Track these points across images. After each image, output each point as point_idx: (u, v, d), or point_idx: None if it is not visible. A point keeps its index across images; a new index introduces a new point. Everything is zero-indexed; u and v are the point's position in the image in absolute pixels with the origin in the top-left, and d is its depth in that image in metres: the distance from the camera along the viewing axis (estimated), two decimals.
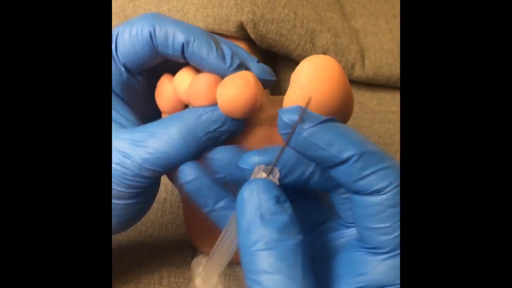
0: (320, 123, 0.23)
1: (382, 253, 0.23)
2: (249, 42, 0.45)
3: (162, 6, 0.45)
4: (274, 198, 0.22)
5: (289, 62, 0.49)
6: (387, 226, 0.22)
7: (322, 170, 0.25)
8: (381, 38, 0.51)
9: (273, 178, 0.24)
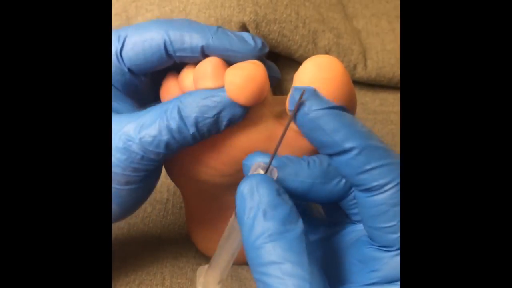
0: (329, 108, 0.23)
1: (393, 250, 0.23)
2: None
3: (164, 6, 0.45)
4: (274, 191, 0.22)
5: (291, 62, 0.49)
6: (394, 224, 0.22)
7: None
8: (383, 38, 0.51)
9: (270, 175, 0.24)
